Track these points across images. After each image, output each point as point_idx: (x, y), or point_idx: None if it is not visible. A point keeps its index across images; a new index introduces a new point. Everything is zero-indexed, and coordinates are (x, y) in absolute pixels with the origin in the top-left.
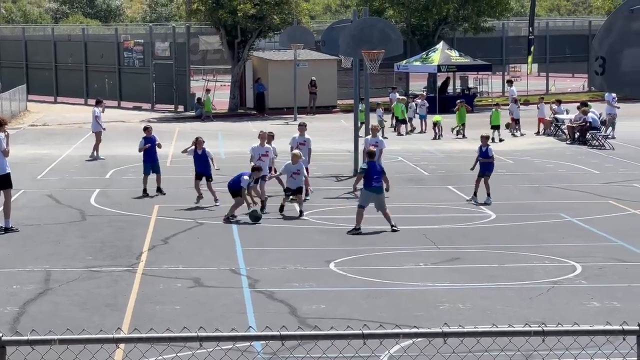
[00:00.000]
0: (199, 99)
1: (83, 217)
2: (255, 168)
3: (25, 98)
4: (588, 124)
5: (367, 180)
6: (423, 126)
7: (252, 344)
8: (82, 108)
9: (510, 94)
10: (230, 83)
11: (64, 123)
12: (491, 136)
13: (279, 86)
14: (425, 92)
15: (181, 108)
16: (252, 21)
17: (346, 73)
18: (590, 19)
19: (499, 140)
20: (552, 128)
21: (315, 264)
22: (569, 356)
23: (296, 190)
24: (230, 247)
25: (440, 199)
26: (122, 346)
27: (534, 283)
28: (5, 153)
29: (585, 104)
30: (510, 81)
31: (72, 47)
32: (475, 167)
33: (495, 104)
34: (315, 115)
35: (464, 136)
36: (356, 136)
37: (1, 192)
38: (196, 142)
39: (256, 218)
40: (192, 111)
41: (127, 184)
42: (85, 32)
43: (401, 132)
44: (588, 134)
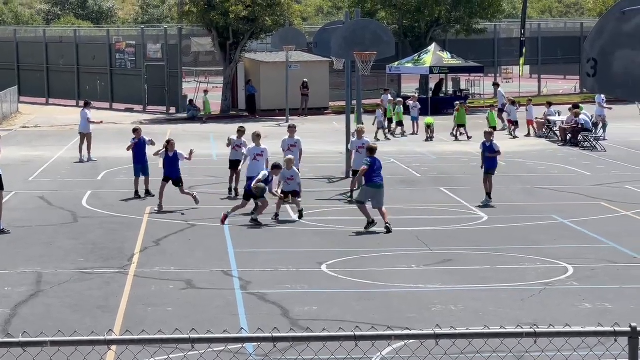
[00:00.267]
0: (191, 101)
1: (75, 219)
2: (275, 166)
3: (16, 100)
4: (580, 126)
5: (368, 176)
6: (415, 128)
7: (244, 346)
8: (74, 110)
9: (499, 97)
10: (222, 85)
11: (56, 125)
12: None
13: (271, 88)
14: (417, 94)
15: (173, 110)
16: (244, 23)
17: (338, 75)
18: (582, 21)
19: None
20: (544, 130)
21: (307, 266)
22: (561, 357)
23: (291, 193)
24: (222, 249)
25: (432, 201)
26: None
27: (526, 285)
28: None
29: (576, 106)
30: (496, 84)
31: (64, 49)
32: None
33: (489, 106)
34: (307, 117)
35: (469, 137)
36: (348, 138)
37: None
38: (167, 145)
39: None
40: (184, 113)
41: (119, 186)
42: (77, 34)
43: (397, 134)
44: (580, 136)
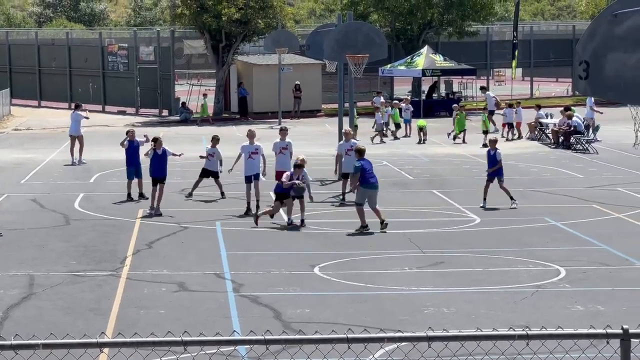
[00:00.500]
0: (184, 104)
1: (67, 222)
2: (297, 165)
3: (8, 102)
4: (572, 128)
5: (364, 177)
6: (408, 130)
7: (237, 348)
8: (66, 112)
9: (488, 100)
10: (214, 87)
11: (48, 127)
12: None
13: (264, 90)
14: (409, 97)
15: (165, 112)
16: (237, 25)
17: (331, 77)
18: (574, 24)
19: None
20: (537, 132)
21: (299, 268)
22: None
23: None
24: (214, 252)
25: (424, 203)
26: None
27: (518, 287)
28: None
29: (568, 109)
30: (483, 87)
31: (56, 51)
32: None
33: (483, 108)
34: (299, 119)
35: (464, 141)
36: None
37: None
38: (155, 142)
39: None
40: (177, 115)
41: (112, 188)
42: (69, 36)
43: (397, 136)
44: (572, 138)
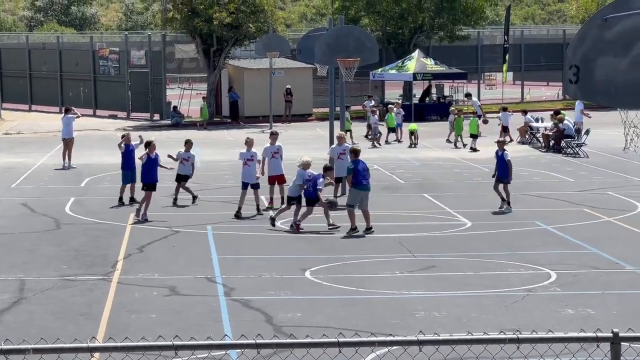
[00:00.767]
0: (175, 107)
1: (58, 226)
2: (326, 168)
3: None
4: (562, 132)
5: (356, 179)
6: (399, 134)
7: (228, 353)
8: (57, 116)
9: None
10: (206, 91)
11: (39, 131)
12: (469, 145)
13: (255, 94)
14: (401, 101)
15: (157, 116)
16: (228, 29)
17: (322, 81)
18: (564, 28)
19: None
20: (527, 136)
21: (290, 272)
22: None
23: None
24: (205, 255)
25: (416, 207)
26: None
27: (509, 290)
28: None
29: (558, 112)
30: (468, 94)
31: (47, 55)
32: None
33: (472, 113)
34: (290, 123)
35: (464, 145)
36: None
37: None
38: (149, 145)
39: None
40: (168, 120)
41: (103, 192)
42: (60, 40)
43: (388, 140)
44: (563, 142)
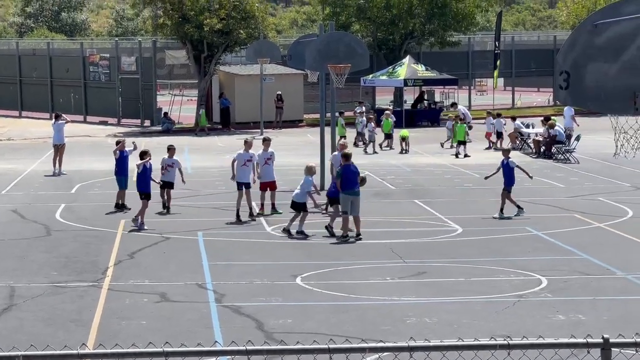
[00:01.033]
0: (166, 114)
1: (48, 232)
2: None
3: None
4: (553, 138)
5: (345, 184)
6: (390, 141)
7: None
8: (47, 122)
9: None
10: (196, 97)
11: (29, 138)
12: (456, 151)
13: (246, 101)
14: (392, 106)
15: (147, 123)
16: (219, 36)
17: (312, 87)
18: (555, 34)
19: (465, 155)
20: (518, 142)
21: (281, 279)
22: None
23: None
24: (196, 262)
25: (406, 213)
26: None
27: (500, 297)
28: None
29: (548, 118)
30: (454, 104)
31: (37, 62)
32: (490, 177)
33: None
34: (281, 129)
35: (466, 155)
36: (323, 150)
37: None
38: (144, 155)
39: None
40: (159, 126)
41: (93, 199)
42: (50, 46)
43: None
44: (553, 148)
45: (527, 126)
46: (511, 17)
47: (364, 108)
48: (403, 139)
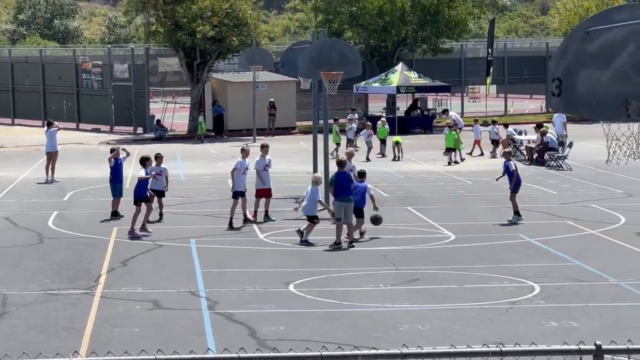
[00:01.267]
0: (158, 121)
1: (41, 240)
2: (361, 174)
3: None
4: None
5: (339, 190)
6: (382, 148)
7: None
8: (40, 130)
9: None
10: (189, 105)
11: (22, 145)
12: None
13: (239, 108)
14: (385, 113)
15: (140, 130)
16: (211, 43)
17: (305, 94)
18: (547, 41)
19: (461, 160)
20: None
21: (274, 286)
22: None
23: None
24: (189, 269)
25: (399, 220)
26: None
27: (493, 303)
28: None
29: (540, 125)
30: (446, 110)
31: (30, 69)
32: (500, 179)
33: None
34: (274, 136)
35: (462, 159)
36: (315, 158)
37: None
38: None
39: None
40: (152, 133)
41: (86, 206)
42: (42, 54)
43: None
44: (546, 155)
45: (520, 133)
46: (504, 24)
47: (357, 115)
48: (396, 144)
